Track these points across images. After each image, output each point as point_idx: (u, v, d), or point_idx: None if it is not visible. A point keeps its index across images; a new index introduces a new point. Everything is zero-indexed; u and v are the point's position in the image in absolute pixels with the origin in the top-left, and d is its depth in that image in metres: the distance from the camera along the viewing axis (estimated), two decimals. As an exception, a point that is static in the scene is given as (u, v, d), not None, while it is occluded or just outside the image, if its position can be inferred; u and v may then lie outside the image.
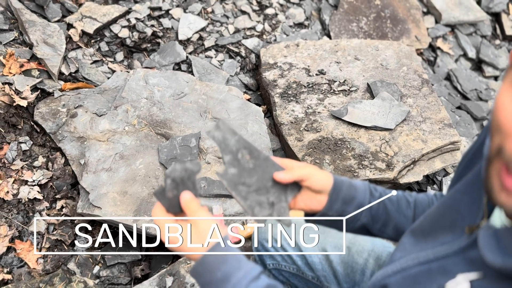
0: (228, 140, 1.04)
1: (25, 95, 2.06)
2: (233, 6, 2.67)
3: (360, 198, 1.08)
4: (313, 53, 2.43)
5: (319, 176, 1.04)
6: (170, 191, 0.97)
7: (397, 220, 1.13)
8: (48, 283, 1.78)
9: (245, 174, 1.03)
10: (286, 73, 2.33)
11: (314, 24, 2.79)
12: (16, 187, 1.93)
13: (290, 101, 2.21)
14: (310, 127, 2.09)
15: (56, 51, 2.22)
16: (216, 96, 2.17)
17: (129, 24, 2.43)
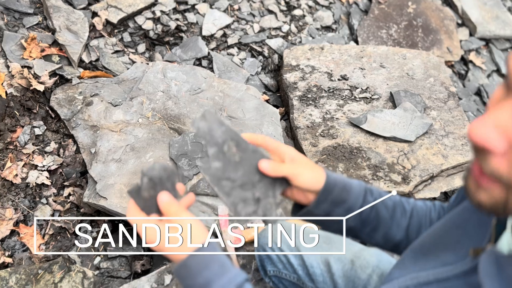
0: (214, 131, 0.98)
1: (43, 79, 2.05)
2: (260, 5, 2.62)
3: (351, 202, 1.02)
4: (338, 58, 2.37)
5: (308, 176, 0.97)
6: (146, 191, 0.92)
7: (388, 228, 1.06)
8: (47, 270, 1.76)
9: (230, 168, 0.96)
10: (308, 76, 2.27)
11: (342, 28, 2.72)
12: (26, 171, 1.92)
13: (308, 104, 2.15)
14: (326, 133, 2.03)
15: (78, 38, 2.22)
16: (233, 94, 2.13)
17: (154, 16, 2.41)
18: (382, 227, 1.05)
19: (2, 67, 2.00)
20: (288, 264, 1.42)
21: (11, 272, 1.72)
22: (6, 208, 1.85)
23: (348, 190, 1.01)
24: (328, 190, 0.99)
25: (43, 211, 1.90)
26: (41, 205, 1.91)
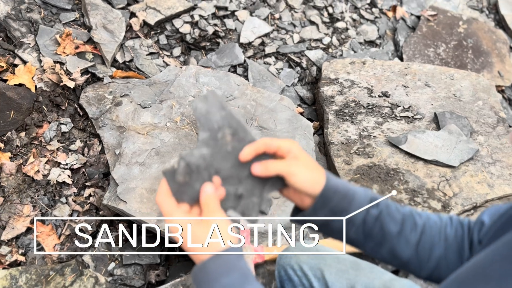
0: (211, 115, 0.88)
1: (74, 76, 2.02)
2: (302, 15, 2.53)
3: (352, 212, 0.90)
4: (380, 73, 2.24)
5: (304, 177, 0.86)
6: (181, 175, 0.84)
7: (395, 243, 0.94)
8: (59, 272, 1.70)
9: (219, 157, 0.87)
10: (346, 90, 2.16)
11: (387, 44, 2.60)
12: (48, 168, 1.88)
13: (345, 120, 2.03)
14: (362, 151, 1.90)
15: (114, 37, 2.18)
16: (266, 104, 2.03)
17: (192, 20, 2.36)
18: (388, 243, 0.93)
19: (34, 61, 1.98)
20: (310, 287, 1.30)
21: (21, 271, 1.67)
22: (24, 205, 1.80)
23: (350, 199, 0.90)
24: (326, 197, 0.88)
25: (61, 210, 1.84)
26: (60, 204, 1.85)
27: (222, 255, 0.79)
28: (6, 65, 1.93)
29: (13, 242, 1.75)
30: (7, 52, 1.97)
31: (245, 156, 0.88)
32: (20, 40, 2.00)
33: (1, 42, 1.97)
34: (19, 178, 1.82)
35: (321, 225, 0.95)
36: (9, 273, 1.65)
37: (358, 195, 0.91)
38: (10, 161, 1.82)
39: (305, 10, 2.55)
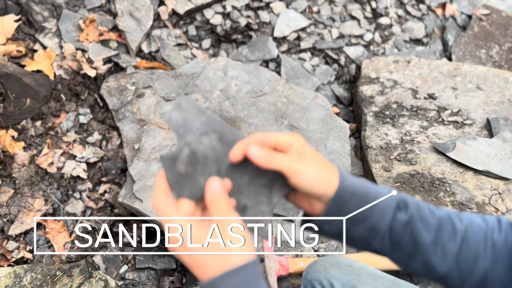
0: (190, 122, 0.73)
1: (96, 65, 1.90)
2: (342, 9, 2.35)
3: (375, 219, 0.73)
4: (426, 74, 2.04)
5: (310, 175, 0.70)
6: (183, 164, 0.69)
7: (430, 254, 0.75)
8: (66, 273, 1.57)
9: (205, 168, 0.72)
10: (388, 90, 1.96)
11: (434, 43, 2.38)
12: (63, 160, 1.76)
13: (385, 123, 1.84)
14: (403, 157, 1.71)
15: (140, 26, 2.06)
16: (298, 102, 1.86)
17: (224, 11, 2.21)
18: (421, 253, 0.76)
19: (55, 47, 1.87)
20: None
21: (27, 270, 1.55)
22: (36, 198, 1.69)
23: (371, 202, 0.73)
24: (341, 201, 0.72)
25: (74, 206, 1.72)
26: (74, 200, 1.73)
27: (238, 272, 0.65)
28: (26, 50, 1.82)
29: (21, 237, 1.64)
30: (28, 36, 1.87)
31: (235, 154, 0.72)
32: (41, 24, 1.90)
33: (22, 26, 1.87)
34: (32, 170, 1.71)
35: (338, 234, 0.77)
36: (13, 271, 1.54)
37: (381, 196, 0.74)
38: (24, 151, 1.72)
39: (346, 4, 2.37)
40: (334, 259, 1.24)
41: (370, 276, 1.17)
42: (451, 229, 0.76)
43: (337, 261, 1.23)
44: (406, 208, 0.74)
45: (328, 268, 1.20)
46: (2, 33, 1.79)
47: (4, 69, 1.72)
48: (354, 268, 1.20)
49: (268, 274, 1.46)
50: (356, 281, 1.15)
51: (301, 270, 1.48)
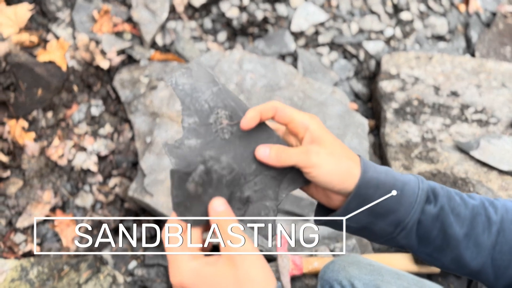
0: (199, 92, 0.67)
1: (109, 56, 1.86)
2: (362, 4, 2.28)
3: (401, 213, 0.67)
4: (449, 70, 1.96)
5: (329, 169, 0.64)
6: (194, 185, 0.62)
7: (462, 249, 0.69)
8: (73, 267, 1.54)
9: (214, 149, 0.67)
10: (409, 87, 1.89)
11: (457, 40, 2.30)
12: (73, 152, 1.72)
13: (405, 120, 1.77)
14: (424, 155, 1.64)
15: (155, 17, 2.01)
16: (316, 97, 1.80)
17: (241, 4, 2.16)
18: (451, 248, 0.69)
19: (68, 38, 1.84)
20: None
21: (33, 263, 1.52)
22: (45, 190, 1.66)
23: (398, 195, 0.66)
24: (364, 194, 0.66)
25: (83, 199, 1.68)
26: (83, 193, 1.70)
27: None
28: (39, 40, 1.79)
29: (29, 230, 1.61)
30: (41, 26, 1.84)
31: (247, 122, 0.66)
32: (55, 14, 1.87)
33: (35, 16, 1.84)
34: (42, 162, 1.68)
35: (359, 229, 0.72)
36: (20, 264, 1.50)
37: (408, 188, 0.67)
38: (34, 142, 1.69)
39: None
40: (353, 258, 1.18)
41: (393, 275, 1.11)
42: (485, 220, 0.69)
43: (356, 260, 1.17)
44: (436, 199, 0.68)
45: (348, 268, 1.14)
46: (15, 22, 1.77)
47: (16, 58, 1.69)
48: (375, 267, 1.14)
49: (281, 273, 1.40)
50: (379, 281, 1.09)
51: (315, 270, 1.43)
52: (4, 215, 1.60)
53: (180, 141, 0.67)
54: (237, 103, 0.69)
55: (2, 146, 1.64)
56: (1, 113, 1.68)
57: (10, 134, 1.65)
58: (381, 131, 1.79)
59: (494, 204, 0.72)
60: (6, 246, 1.57)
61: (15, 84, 1.69)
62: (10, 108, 1.68)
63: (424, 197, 0.67)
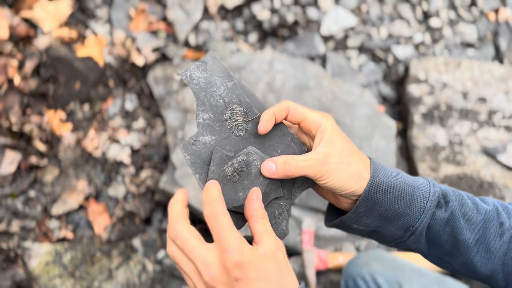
0: (214, 87, 0.65)
1: (144, 54, 1.93)
2: (392, 10, 2.31)
3: (412, 218, 0.66)
4: (477, 77, 1.97)
5: (341, 177, 0.64)
6: (231, 168, 0.64)
7: (472, 254, 0.68)
8: (105, 254, 1.59)
9: (228, 146, 0.66)
10: (437, 92, 1.91)
11: (486, 48, 2.31)
12: (108, 144, 1.79)
13: (433, 123, 1.79)
14: (451, 158, 1.65)
15: (189, 17, 2.07)
16: (344, 98, 1.83)
17: (272, 6, 2.20)
18: (462, 253, 0.69)
19: (105, 34, 1.91)
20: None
21: (67, 248, 1.58)
22: (79, 179, 1.72)
23: (408, 200, 0.66)
24: (374, 198, 0.66)
25: (116, 189, 1.74)
26: (116, 183, 1.75)
27: None
28: (78, 35, 1.87)
29: (63, 217, 1.67)
30: (80, 22, 1.91)
31: (265, 125, 0.65)
32: (93, 11, 1.94)
33: (75, 12, 1.91)
34: (77, 152, 1.74)
35: (368, 233, 0.72)
36: (54, 249, 1.56)
37: (419, 193, 0.66)
38: (71, 133, 1.75)
39: (396, 4, 2.33)
40: (376, 254, 1.20)
41: (415, 272, 1.13)
42: (497, 226, 0.69)
43: (379, 256, 1.19)
44: (447, 204, 0.68)
45: (371, 263, 1.17)
46: (56, 18, 1.84)
47: (56, 52, 1.76)
48: (398, 263, 1.16)
49: (306, 266, 1.43)
50: (401, 277, 1.11)
51: (340, 265, 1.45)
52: (40, 202, 1.67)
53: (195, 138, 0.66)
54: (252, 99, 0.69)
55: (41, 135, 1.71)
56: (41, 104, 1.75)
57: (49, 124, 1.72)
58: (408, 133, 1.81)
59: (508, 209, 0.71)
60: (41, 232, 1.63)
61: (55, 77, 1.76)
62: (49, 99, 1.75)
63: (434, 202, 0.66)
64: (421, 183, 0.68)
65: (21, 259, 1.52)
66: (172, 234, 0.59)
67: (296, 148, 0.69)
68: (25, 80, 1.72)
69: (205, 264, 0.56)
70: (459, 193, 0.71)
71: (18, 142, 1.69)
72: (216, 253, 0.57)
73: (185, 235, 0.58)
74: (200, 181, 0.66)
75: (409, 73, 2.01)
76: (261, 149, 0.67)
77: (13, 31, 1.76)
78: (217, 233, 0.57)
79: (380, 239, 0.74)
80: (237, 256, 0.56)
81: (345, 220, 0.70)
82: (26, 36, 1.79)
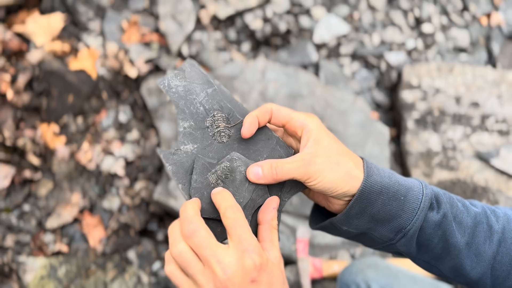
0: (193, 94, 0.64)
1: (138, 65, 1.93)
2: (384, 16, 2.32)
3: (404, 220, 0.65)
4: (470, 81, 1.98)
5: (331, 178, 0.62)
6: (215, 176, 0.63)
7: (462, 258, 0.67)
8: (100, 266, 1.58)
9: (210, 154, 0.65)
10: (430, 97, 1.91)
11: (479, 52, 2.32)
12: (102, 156, 1.79)
13: (426, 129, 1.79)
14: (445, 164, 1.65)
15: (182, 28, 2.08)
16: (337, 105, 1.84)
17: (264, 16, 2.21)
18: (451, 257, 0.67)
19: (98, 47, 1.91)
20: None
21: (62, 262, 1.57)
22: (74, 192, 1.72)
23: (401, 201, 0.64)
24: (366, 199, 0.64)
25: (110, 201, 1.74)
26: (110, 195, 1.75)
27: None
28: (70, 48, 1.87)
29: (58, 230, 1.67)
30: (72, 36, 1.92)
31: (248, 129, 0.64)
32: (86, 24, 1.95)
33: (67, 26, 1.92)
34: (71, 165, 1.74)
35: (357, 235, 0.70)
36: (49, 263, 1.56)
37: (413, 194, 0.65)
38: (64, 146, 1.75)
39: (388, 11, 2.34)
40: (371, 261, 1.20)
41: (409, 278, 1.12)
42: (487, 229, 0.68)
43: (374, 263, 1.19)
44: (438, 206, 0.66)
45: (365, 270, 1.16)
46: (48, 32, 1.85)
47: (49, 66, 1.76)
48: (392, 270, 1.16)
49: (301, 275, 1.43)
50: (395, 284, 1.10)
51: (335, 273, 1.45)
52: (34, 216, 1.66)
53: (176, 147, 0.65)
54: (234, 105, 0.67)
55: (34, 149, 1.71)
56: (34, 117, 1.76)
57: (42, 138, 1.72)
58: (402, 139, 1.81)
59: (495, 213, 0.71)
60: (36, 246, 1.62)
61: (48, 91, 1.76)
62: (42, 113, 1.76)
63: (427, 204, 0.65)
64: (414, 184, 0.67)
65: (15, 274, 1.51)
66: (188, 232, 0.58)
67: (282, 152, 0.68)
68: (18, 94, 1.72)
69: (221, 263, 0.56)
70: (450, 195, 0.71)
71: (11, 156, 1.69)
72: (234, 253, 0.57)
73: (203, 232, 0.58)
74: (183, 191, 0.65)
75: (402, 79, 2.01)
76: (245, 155, 0.66)
77: (5, 45, 1.77)
78: (238, 234, 0.58)
79: (368, 242, 0.73)
80: (258, 257, 0.56)
81: (335, 222, 0.69)
82: (19, 51, 1.80)
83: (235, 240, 0.58)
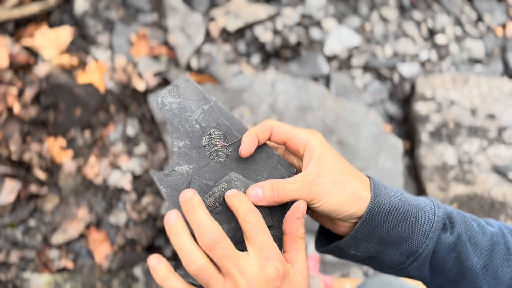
0: (188, 111, 0.60)
1: (146, 79, 1.91)
2: (396, 28, 2.28)
3: (415, 242, 0.60)
4: (486, 93, 1.92)
5: (335, 200, 0.58)
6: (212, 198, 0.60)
7: (478, 281, 0.62)
8: (106, 284, 1.55)
9: (207, 175, 0.61)
10: (445, 109, 1.86)
11: (494, 63, 2.26)
12: (109, 171, 1.76)
13: (441, 142, 1.73)
14: (461, 178, 1.60)
15: (191, 41, 2.06)
16: (348, 118, 1.79)
17: (274, 28, 2.19)
18: (466, 281, 0.63)
19: (106, 60, 1.90)
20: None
21: (66, 279, 1.54)
22: (80, 207, 1.69)
23: (412, 222, 0.60)
24: (375, 221, 0.60)
25: (117, 217, 1.71)
26: (117, 210, 1.72)
27: None
28: (78, 62, 1.86)
29: (63, 246, 1.63)
30: (81, 49, 1.91)
31: (246, 148, 0.61)
32: (94, 38, 1.94)
33: (76, 39, 1.91)
34: (78, 180, 1.72)
35: (366, 259, 0.66)
36: (53, 280, 1.52)
37: (424, 214, 0.61)
38: (71, 160, 1.73)
39: (400, 22, 2.30)
40: (384, 280, 1.15)
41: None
42: (504, 250, 0.64)
43: (387, 281, 1.13)
44: (452, 226, 0.62)
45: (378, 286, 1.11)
46: (57, 45, 1.84)
47: (56, 80, 1.75)
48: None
49: (312, 294, 1.38)
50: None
51: (347, 292, 1.39)
52: (40, 231, 1.64)
53: (171, 168, 0.62)
54: (232, 122, 0.64)
55: (41, 163, 1.68)
56: (41, 131, 1.74)
57: (49, 152, 1.70)
58: (416, 153, 1.75)
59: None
60: (41, 262, 1.59)
61: (55, 104, 1.75)
62: (49, 126, 1.74)
63: (440, 225, 0.61)
64: (425, 204, 0.63)
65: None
66: (212, 243, 0.54)
67: (283, 171, 0.64)
68: (25, 108, 1.71)
69: (244, 273, 0.53)
70: (464, 214, 0.66)
71: (17, 170, 1.67)
72: (256, 261, 0.54)
73: (225, 243, 0.54)
74: None
75: (416, 91, 1.96)
76: (245, 175, 0.62)
77: (13, 59, 1.76)
78: (260, 240, 0.55)
79: (378, 266, 0.69)
80: (281, 265, 0.54)
81: (342, 246, 0.65)
82: (26, 64, 1.79)
83: (256, 247, 0.55)
